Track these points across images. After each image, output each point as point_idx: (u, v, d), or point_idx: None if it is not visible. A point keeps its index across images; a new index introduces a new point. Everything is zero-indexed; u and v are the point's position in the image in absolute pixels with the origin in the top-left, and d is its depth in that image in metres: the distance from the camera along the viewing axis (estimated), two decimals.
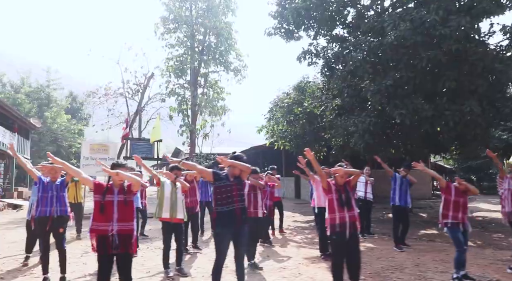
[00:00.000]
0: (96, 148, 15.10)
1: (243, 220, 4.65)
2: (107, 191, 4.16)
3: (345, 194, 5.01)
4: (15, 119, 23.45)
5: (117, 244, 4.07)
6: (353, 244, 4.97)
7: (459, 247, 5.42)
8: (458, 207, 5.59)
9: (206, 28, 39.60)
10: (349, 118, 11.17)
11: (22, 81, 39.10)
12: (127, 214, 4.19)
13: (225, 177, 4.71)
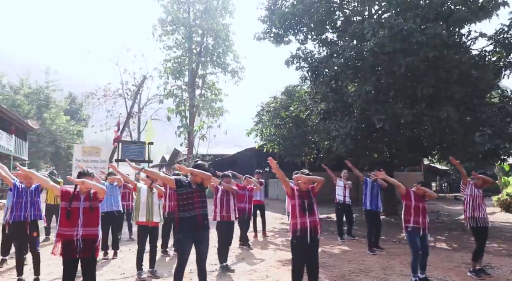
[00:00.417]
0: (88, 151, 15.41)
1: (204, 226, 4.87)
2: (74, 198, 4.41)
3: (308, 200, 5.26)
4: (12, 120, 23.76)
5: (81, 248, 4.31)
6: (313, 248, 5.24)
7: (415, 252, 5.65)
8: (418, 212, 5.82)
9: (203, 30, 39.79)
10: (332, 122, 11.40)
11: (22, 83, 39.46)
12: (92, 220, 4.44)
13: (187, 184, 4.92)
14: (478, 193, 6.24)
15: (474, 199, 6.22)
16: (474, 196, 6.23)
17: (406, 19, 9.65)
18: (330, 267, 6.81)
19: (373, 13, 12.53)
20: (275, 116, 13.90)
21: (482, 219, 6.13)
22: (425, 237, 5.80)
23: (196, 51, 40.40)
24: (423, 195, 5.87)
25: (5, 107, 23.21)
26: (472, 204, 6.24)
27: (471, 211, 6.21)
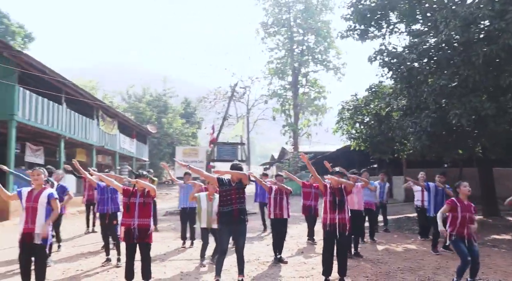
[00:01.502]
0: (188, 152, 17.15)
1: (240, 220, 5.49)
2: (132, 194, 5.42)
3: (339, 197, 5.61)
4: (133, 127, 27.20)
5: (137, 235, 5.29)
6: (343, 243, 5.56)
7: (463, 259, 5.36)
8: (464, 222, 5.54)
9: (304, 29, 40.32)
10: (408, 118, 11.10)
11: (144, 91, 44.39)
12: (145, 213, 5.40)
13: (227, 182, 5.59)
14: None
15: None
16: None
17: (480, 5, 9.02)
18: (380, 263, 6.92)
19: (446, 2, 11.81)
20: (356, 114, 13.87)
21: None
22: (473, 246, 5.54)
23: (298, 50, 41.14)
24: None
25: (126, 116, 26.68)
26: None
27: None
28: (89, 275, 6.15)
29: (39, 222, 4.88)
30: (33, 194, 5.00)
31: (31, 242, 4.83)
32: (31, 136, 17.01)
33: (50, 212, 5.03)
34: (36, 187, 5.05)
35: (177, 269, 6.58)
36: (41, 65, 14.59)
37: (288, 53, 40.56)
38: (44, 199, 4.97)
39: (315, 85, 41.39)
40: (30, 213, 4.90)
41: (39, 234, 4.85)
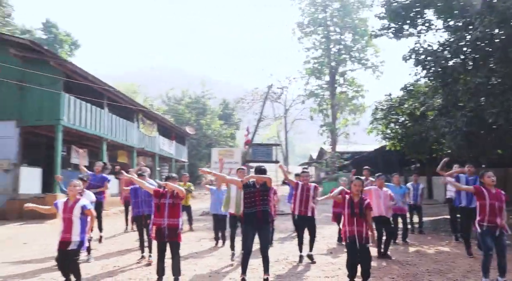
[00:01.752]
0: (224, 153, 17.49)
1: (264, 220, 5.65)
2: (162, 196, 5.73)
3: (357, 210, 5.59)
4: (172, 129, 28.00)
5: (167, 234, 5.59)
6: (364, 253, 5.57)
7: (486, 252, 5.32)
8: (494, 211, 5.48)
9: (340, 28, 39.95)
10: (442, 118, 10.88)
11: (183, 94, 45.48)
12: (175, 213, 5.68)
13: (252, 184, 5.77)
14: None
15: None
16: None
17: None
18: (409, 265, 6.88)
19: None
20: (391, 114, 13.68)
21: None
22: (501, 238, 5.46)
23: (335, 49, 40.79)
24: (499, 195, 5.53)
25: (166, 118, 27.50)
26: None
27: None
28: (124, 271, 6.52)
29: (74, 231, 5.27)
30: (68, 205, 5.37)
31: (66, 249, 5.23)
32: (76, 139, 17.96)
33: (85, 221, 5.40)
34: (70, 198, 5.44)
35: (207, 267, 6.84)
36: (84, 72, 15.41)
37: (324, 52, 40.30)
38: (78, 210, 5.33)
39: (352, 84, 40.89)
40: (67, 223, 5.30)
41: (75, 242, 5.25)
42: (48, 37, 40.78)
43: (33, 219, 13.26)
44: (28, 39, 17.00)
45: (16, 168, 14.62)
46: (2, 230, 11.47)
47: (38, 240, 9.62)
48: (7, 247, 8.73)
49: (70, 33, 43.14)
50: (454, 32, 12.91)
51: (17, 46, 14.76)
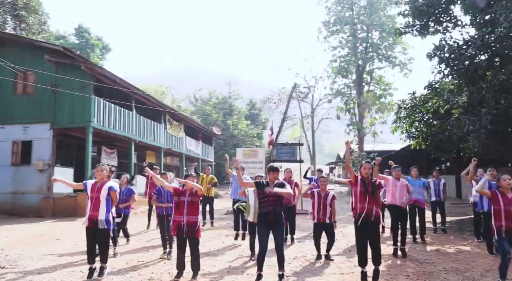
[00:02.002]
0: (248, 153, 17.73)
1: (277, 220, 5.81)
2: (181, 194, 6.00)
3: (370, 188, 5.76)
4: (199, 129, 28.53)
5: (186, 230, 5.85)
6: (374, 232, 5.74)
7: (503, 255, 5.32)
8: (509, 215, 5.46)
9: (367, 26, 39.53)
10: (466, 116, 10.73)
11: (210, 95, 46.09)
12: (194, 210, 5.94)
13: (265, 184, 5.92)
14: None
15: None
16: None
17: None
18: (426, 263, 6.91)
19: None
20: (415, 112, 13.52)
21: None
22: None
23: (362, 48, 40.40)
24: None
25: (193, 119, 28.03)
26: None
27: None
28: (147, 266, 6.84)
29: (101, 210, 5.86)
30: (96, 186, 5.97)
31: (94, 226, 5.82)
32: (106, 140, 18.64)
33: (110, 202, 5.99)
34: (98, 180, 6.00)
35: (226, 263, 7.09)
36: (113, 75, 16.00)
37: (351, 51, 39.98)
38: (105, 191, 5.94)
39: (380, 82, 40.42)
40: (94, 202, 5.87)
41: (102, 221, 5.83)
42: (81, 41, 42.25)
43: (66, 217, 13.93)
44: (61, 45, 17.76)
45: (50, 168, 15.36)
46: (37, 226, 12.10)
47: (70, 237, 10.12)
48: (41, 243, 9.25)
49: (102, 37, 44.50)
50: (479, 28, 12.71)
51: (51, 52, 15.51)
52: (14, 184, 15.60)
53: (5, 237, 10.05)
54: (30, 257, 7.59)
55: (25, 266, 6.78)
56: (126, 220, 8.70)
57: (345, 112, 40.84)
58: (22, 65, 15.58)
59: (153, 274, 6.23)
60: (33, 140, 15.64)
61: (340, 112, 41.41)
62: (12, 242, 9.30)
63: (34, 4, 21.64)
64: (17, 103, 15.96)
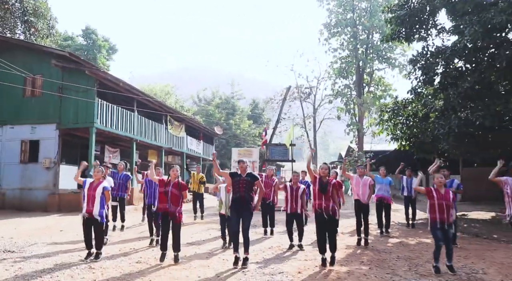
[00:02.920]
0: (243, 153, 18.69)
1: (246, 205, 6.70)
2: (167, 185, 6.94)
3: (326, 187, 6.66)
4: (200, 129, 29.51)
5: (169, 217, 6.80)
6: (332, 225, 6.65)
7: (437, 243, 6.22)
8: (442, 209, 6.33)
9: (367, 28, 40.24)
10: (439, 120, 11.58)
11: (213, 95, 47.07)
12: (175, 200, 6.86)
13: (238, 174, 6.84)
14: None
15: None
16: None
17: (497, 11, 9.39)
18: (384, 252, 7.80)
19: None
20: (397, 116, 14.35)
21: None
22: (448, 231, 6.32)
23: (363, 49, 41.13)
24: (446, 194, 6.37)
25: (194, 119, 29.00)
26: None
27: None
28: (137, 252, 7.81)
29: (96, 206, 6.91)
30: (93, 185, 7.03)
31: (91, 218, 6.88)
32: (109, 139, 19.68)
33: (103, 199, 7.02)
34: (95, 180, 7.08)
35: (208, 249, 8.04)
36: (115, 79, 17.02)
37: (352, 52, 40.75)
38: (100, 190, 7.00)
39: (380, 83, 41.18)
40: (90, 198, 6.92)
41: (97, 215, 6.90)
42: (88, 42, 43.42)
43: (71, 211, 14.95)
44: (67, 51, 18.81)
45: (56, 166, 16.42)
46: (43, 220, 13.13)
47: (73, 229, 11.11)
48: (46, 234, 10.26)
49: (108, 39, 45.60)
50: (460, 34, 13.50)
51: (57, 57, 16.56)
52: (22, 181, 16.69)
53: (13, 229, 11.08)
54: (36, 244, 8.59)
55: (31, 251, 7.79)
56: (123, 202, 9.77)
57: (346, 113, 41.71)
58: (31, 69, 16.69)
59: (141, 258, 7.19)
60: (40, 140, 16.72)
61: (340, 112, 42.28)
62: (20, 233, 10.32)
63: (43, 10, 22.75)
64: (26, 105, 17.06)
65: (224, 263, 6.94)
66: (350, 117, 41.34)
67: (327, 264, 6.61)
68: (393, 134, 15.88)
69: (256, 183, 6.91)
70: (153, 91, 49.51)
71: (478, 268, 6.57)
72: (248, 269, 6.42)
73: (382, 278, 5.97)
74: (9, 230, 10.83)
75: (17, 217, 13.78)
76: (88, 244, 7.02)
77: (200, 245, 8.61)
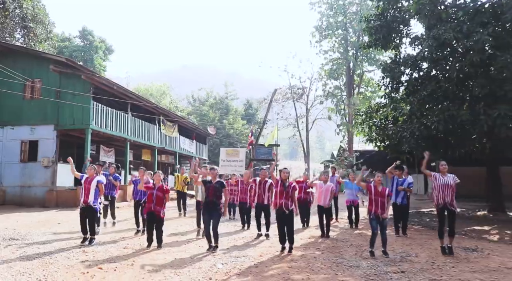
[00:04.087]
0: (230, 153, 19.83)
1: (214, 207, 7.81)
2: (152, 188, 8.09)
3: (285, 188, 7.78)
4: (193, 129, 30.62)
5: (154, 214, 7.95)
6: (288, 220, 7.76)
7: (373, 231, 7.42)
8: (378, 204, 7.50)
9: (358, 31, 41.41)
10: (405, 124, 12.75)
11: (207, 95, 48.18)
12: (159, 201, 8.02)
13: (209, 181, 7.99)
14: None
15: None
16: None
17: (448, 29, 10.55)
18: (342, 241, 8.97)
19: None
20: (370, 118, 15.52)
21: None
22: (383, 222, 7.49)
23: (354, 51, 42.34)
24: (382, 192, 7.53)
25: (186, 119, 30.09)
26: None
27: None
28: (125, 240, 8.96)
29: (91, 196, 8.22)
30: (88, 179, 8.34)
31: (86, 207, 8.17)
32: (104, 140, 20.79)
33: (97, 191, 8.28)
34: (89, 176, 8.37)
35: (187, 239, 9.19)
36: (110, 82, 18.14)
37: (342, 55, 41.96)
38: (94, 183, 8.32)
39: (369, 85, 42.38)
40: (86, 191, 8.21)
41: (91, 204, 8.20)
42: (85, 44, 44.44)
43: (68, 207, 16.07)
44: (64, 56, 19.89)
45: (54, 164, 17.53)
46: (42, 215, 14.24)
47: (69, 222, 12.24)
48: (45, 226, 11.37)
49: (105, 39, 46.63)
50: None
51: (55, 62, 17.67)
52: (22, 179, 17.80)
53: (15, 222, 12.19)
54: (36, 234, 9.72)
55: (33, 239, 8.92)
56: (114, 201, 10.93)
57: (336, 113, 42.94)
58: (30, 74, 17.83)
59: (128, 245, 8.34)
60: (39, 140, 17.83)
61: (331, 112, 43.50)
62: (22, 225, 11.44)
63: (41, 16, 23.82)
64: (26, 107, 18.16)
65: (199, 249, 8.09)
66: (341, 117, 42.62)
67: (285, 252, 7.76)
68: (368, 136, 17.08)
69: (223, 190, 8.03)
70: (149, 91, 50.64)
71: (413, 252, 7.76)
72: (218, 253, 7.57)
73: (329, 260, 7.12)
74: (11, 222, 11.94)
75: (18, 212, 14.89)
76: (84, 230, 8.29)
77: (182, 236, 9.75)
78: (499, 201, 14.24)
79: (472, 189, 18.04)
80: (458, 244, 8.48)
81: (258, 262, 6.92)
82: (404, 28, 15.46)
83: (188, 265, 6.61)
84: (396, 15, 15.12)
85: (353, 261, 7.02)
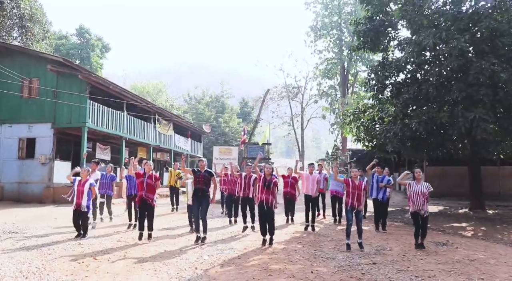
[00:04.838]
0: (223, 151, 20.35)
1: (203, 194, 8.36)
2: (143, 176, 8.60)
3: (267, 183, 8.31)
4: (188, 128, 31.12)
5: (146, 201, 8.47)
6: (268, 213, 8.28)
7: (348, 223, 7.94)
8: (354, 196, 8.04)
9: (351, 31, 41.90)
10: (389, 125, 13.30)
11: (203, 94, 48.64)
12: (150, 188, 8.53)
13: (198, 171, 8.52)
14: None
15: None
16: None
17: (427, 35, 11.09)
18: (323, 236, 9.51)
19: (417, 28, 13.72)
20: (357, 119, 16.06)
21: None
22: (359, 214, 8.05)
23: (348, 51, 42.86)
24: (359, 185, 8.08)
25: (181, 118, 30.56)
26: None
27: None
28: (119, 233, 9.49)
29: (84, 199, 8.55)
30: (81, 182, 8.67)
31: (78, 209, 8.51)
32: (100, 137, 21.26)
33: (90, 193, 8.63)
34: (82, 178, 8.69)
35: (178, 233, 9.71)
36: (106, 82, 18.61)
37: (336, 54, 42.49)
38: (87, 185, 8.66)
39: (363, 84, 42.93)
40: (79, 193, 8.56)
41: (83, 206, 8.56)
42: (82, 42, 44.75)
43: (64, 203, 16.53)
44: (61, 57, 20.35)
45: (51, 162, 18.01)
46: (39, 210, 14.73)
47: (65, 217, 12.67)
48: (43, 220, 11.88)
49: (102, 37, 46.93)
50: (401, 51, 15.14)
51: (53, 62, 18.12)
52: (20, 175, 18.27)
53: (14, 217, 12.69)
54: (34, 228, 10.23)
55: (31, 233, 9.43)
56: (110, 200, 11.40)
57: (330, 112, 43.51)
58: (28, 73, 18.29)
59: (121, 238, 8.87)
60: (37, 138, 18.30)
61: (326, 111, 44.07)
62: (20, 220, 11.94)
63: (39, 16, 24.23)
64: (23, 106, 18.62)
65: (188, 242, 8.61)
66: (335, 116, 43.19)
67: (266, 244, 8.30)
68: (357, 136, 17.63)
69: (212, 178, 8.56)
70: (145, 89, 51.06)
71: (388, 246, 8.32)
72: (205, 246, 8.11)
73: (308, 253, 7.66)
74: (10, 217, 12.43)
75: (16, 207, 15.38)
76: (77, 227, 8.74)
77: (173, 230, 10.28)
78: (480, 199, 14.82)
79: (456, 188, 18.65)
80: (431, 239, 9.05)
81: (242, 254, 7.46)
82: (392, 31, 15.99)
83: (177, 257, 7.14)
84: (383, 19, 15.63)
85: (330, 254, 7.56)
